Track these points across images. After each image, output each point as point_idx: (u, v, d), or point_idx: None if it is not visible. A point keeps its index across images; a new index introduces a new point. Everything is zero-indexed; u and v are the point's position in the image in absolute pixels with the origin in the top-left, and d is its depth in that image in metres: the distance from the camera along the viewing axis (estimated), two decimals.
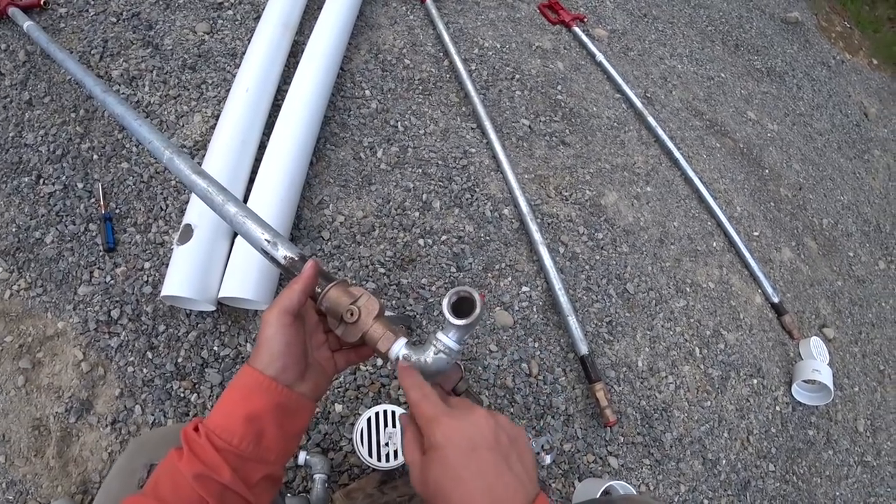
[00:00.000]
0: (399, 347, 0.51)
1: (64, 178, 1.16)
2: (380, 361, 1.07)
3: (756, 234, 1.68)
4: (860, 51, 2.77)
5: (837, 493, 1.34)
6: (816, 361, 1.41)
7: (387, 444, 0.89)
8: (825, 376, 1.34)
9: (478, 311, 0.47)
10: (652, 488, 1.14)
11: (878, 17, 3.07)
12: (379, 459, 0.88)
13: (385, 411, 0.91)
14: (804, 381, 1.39)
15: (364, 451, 0.88)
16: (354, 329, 0.52)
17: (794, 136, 2.10)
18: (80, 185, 1.15)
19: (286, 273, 0.57)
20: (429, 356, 0.50)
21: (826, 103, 2.33)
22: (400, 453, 0.88)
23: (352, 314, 0.51)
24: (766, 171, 1.89)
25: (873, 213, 2.04)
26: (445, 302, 0.49)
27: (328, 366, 0.54)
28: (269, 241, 0.59)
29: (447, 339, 0.50)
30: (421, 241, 1.24)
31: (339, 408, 1.02)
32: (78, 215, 1.12)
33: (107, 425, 0.95)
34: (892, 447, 1.50)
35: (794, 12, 2.56)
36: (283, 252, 0.58)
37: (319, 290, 0.52)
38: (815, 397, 1.40)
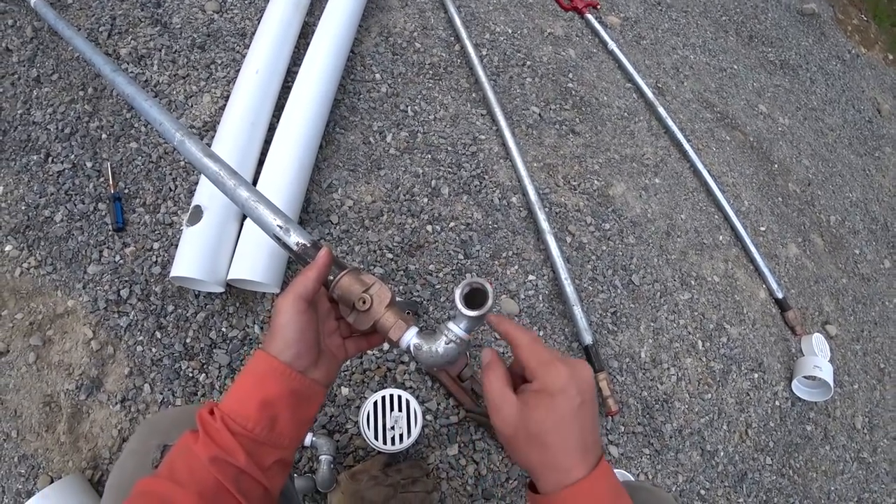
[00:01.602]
0: (411, 336, 0.51)
1: (73, 156, 1.16)
2: (386, 345, 1.08)
3: (763, 228, 1.67)
4: (876, 45, 2.72)
5: (832, 489, 1.36)
6: (818, 358, 1.41)
7: (392, 428, 0.90)
8: (826, 373, 1.35)
9: (490, 302, 0.48)
10: (651, 478, 1.16)
11: None
12: (385, 442, 0.89)
13: (391, 395, 0.92)
14: (805, 377, 1.40)
15: (370, 434, 0.89)
16: (366, 317, 0.52)
17: (805, 130, 2.07)
18: (88, 165, 1.15)
19: (298, 259, 0.57)
20: (440, 345, 0.50)
21: (839, 98, 2.30)
22: (406, 437, 0.90)
23: (364, 302, 0.52)
24: (776, 165, 1.88)
25: (881, 211, 2.03)
26: (458, 293, 0.49)
27: (339, 352, 0.54)
28: (281, 227, 0.59)
29: (458, 329, 0.50)
30: (429, 228, 1.24)
31: (345, 391, 1.03)
32: (87, 194, 1.12)
33: (116, 403, 0.96)
34: (889, 445, 1.52)
35: (812, 3, 2.51)
36: (295, 238, 0.58)
37: (332, 278, 0.53)
38: (814, 393, 1.41)
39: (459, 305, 0.49)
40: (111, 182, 1.13)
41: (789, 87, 2.19)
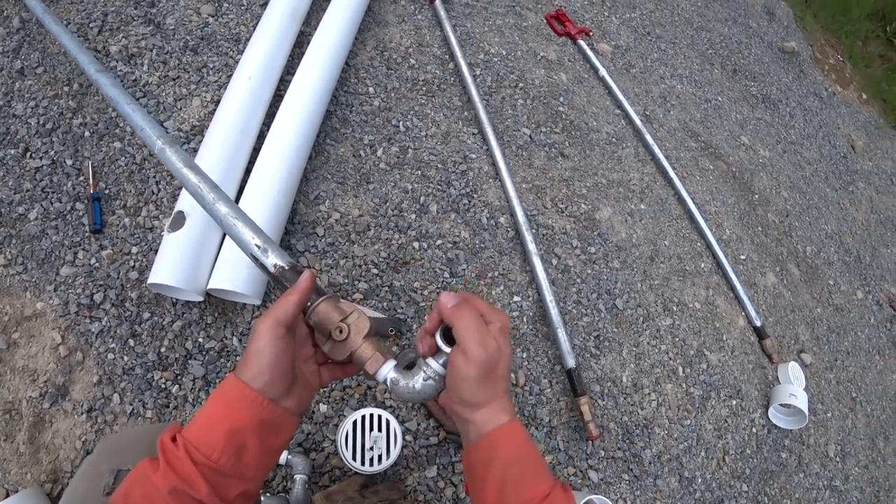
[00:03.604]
0: (388, 370, 0.50)
1: (52, 153, 1.12)
2: None
3: (743, 257, 1.71)
4: (851, 84, 2.84)
5: None
6: (793, 386, 1.44)
7: (371, 448, 0.88)
8: (801, 401, 1.38)
9: None
10: (629, 503, 1.15)
11: (870, 54, 3.16)
12: (363, 463, 0.87)
13: (371, 415, 0.90)
14: (781, 405, 1.42)
15: (348, 455, 0.87)
16: (342, 347, 0.50)
17: (785, 163, 2.14)
18: (69, 162, 1.12)
19: (274, 282, 0.55)
20: (417, 381, 0.49)
21: (816, 133, 2.39)
22: (384, 458, 0.87)
23: (341, 331, 0.50)
24: (756, 196, 1.93)
25: (855, 243, 2.09)
26: (439, 329, 0.49)
27: (314, 379, 0.52)
28: (259, 247, 0.56)
29: (437, 365, 0.49)
30: (416, 244, 1.23)
31: (323, 408, 1.00)
32: (65, 193, 1.09)
33: (82, 413, 0.92)
34: (860, 473, 1.55)
35: (792, 42, 2.61)
36: (273, 260, 0.55)
37: (309, 304, 0.51)
38: (790, 421, 1.43)
39: (439, 342, 0.48)
40: (91, 181, 1.10)
41: (770, 121, 2.26)
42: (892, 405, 1.76)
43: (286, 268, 0.54)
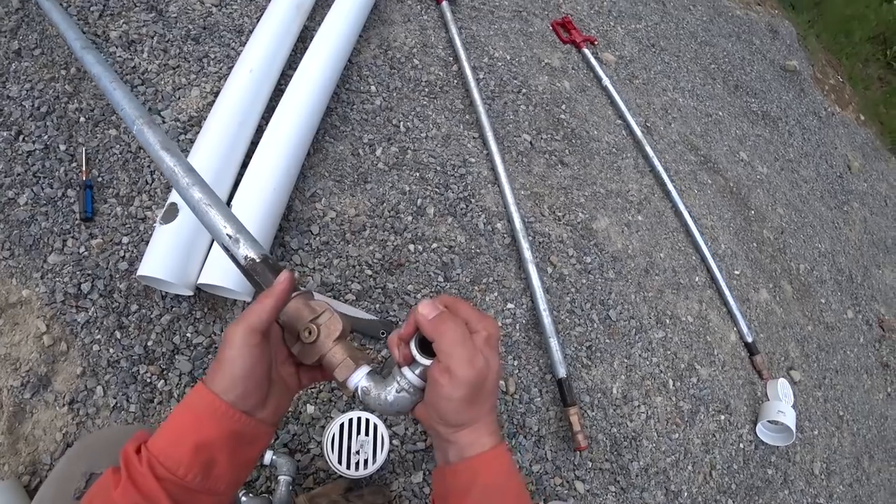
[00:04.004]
0: (359, 378, 0.46)
1: (46, 137, 1.10)
2: None
3: (737, 272, 1.71)
4: (849, 105, 2.87)
5: None
6: (782, 403, 1.44)
7: (357, 452, 0.87)
8: (789, 418, 1.38)
9: None
10: None
11: (870, 76, 3.19)
12: (349, 467, 0.86)
13: (359, 418, 0.89)
14: (769, 422, 1.43)
15: (334, 458, 0.85)
16: (312, 350, 0.46)
17: (782, 180, 2.15)
18: (62, 147, 1.10)
19: (245, 275, 0.51)
20: (390, 393, 0.45)
21: (814, 152, 2.40)
22: (370, 462, 0.86)
23: (309, 333, 0.46)
24: (752, 211, 1.94)
25: (847, 263, 2.11)
26: (414, 337, 0.45)
27: (291, 382, 0.49)
28: (230, 236, 0.52)
29: (412, 376, 0.45)
30: (411, 247, 1.22)
31: (310, 409, 0.99)
32: (57, 179, 1.07)
33: (64, 405, 0.90)
34: (844, 491, 1.55)
35: (794, 61, 2.63)
36: (243, 251, 0.51)
37: None
38: (777, 438, 1.44)
39: (415, 353, 0.45)
40: (84, 168, 1.08)
41: (769, 138, 2.28)
42: (878, 424, 1.77)
43: (257, 261, 0.50)
